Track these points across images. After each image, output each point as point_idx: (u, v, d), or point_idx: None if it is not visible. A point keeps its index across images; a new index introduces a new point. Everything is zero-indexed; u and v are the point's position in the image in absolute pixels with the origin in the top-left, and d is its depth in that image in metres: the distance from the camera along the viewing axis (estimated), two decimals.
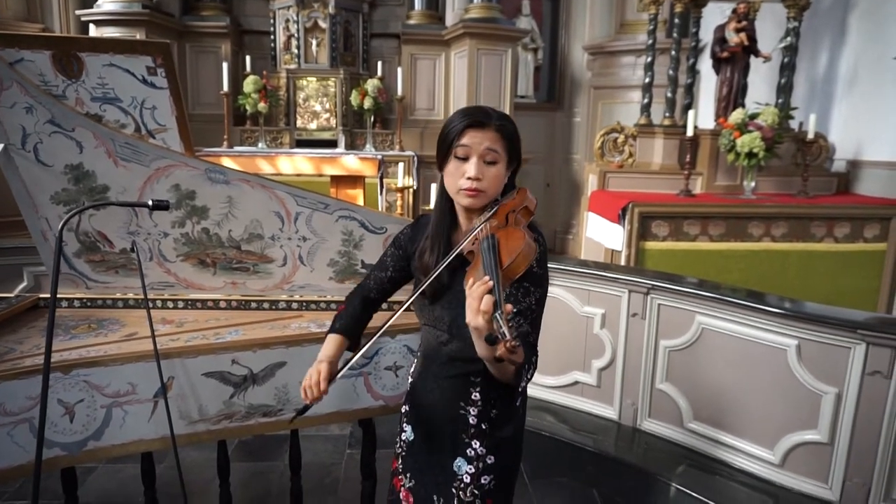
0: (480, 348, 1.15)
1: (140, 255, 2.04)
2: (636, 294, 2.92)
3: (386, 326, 1.45)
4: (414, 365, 1.64)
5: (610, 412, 3.11)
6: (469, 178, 1.34)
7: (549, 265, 1.46)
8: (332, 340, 1.58)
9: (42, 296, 2.18)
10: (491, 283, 1.09)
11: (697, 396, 2.81)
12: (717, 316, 2.68)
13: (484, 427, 1.43)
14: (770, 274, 4.21)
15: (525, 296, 1.32)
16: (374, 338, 1.48)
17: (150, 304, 2.08)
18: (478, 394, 1.43)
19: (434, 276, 1.37)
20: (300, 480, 2.20)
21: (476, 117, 1.35)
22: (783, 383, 2.51)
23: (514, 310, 1.05)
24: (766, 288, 3.34)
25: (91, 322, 2.03)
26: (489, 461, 1.44)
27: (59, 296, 2.12)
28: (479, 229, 1.30)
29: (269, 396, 1.83)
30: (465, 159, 1.36)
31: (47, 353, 1.27)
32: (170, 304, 2.18)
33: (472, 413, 1.44)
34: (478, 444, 1.44)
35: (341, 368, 1.50)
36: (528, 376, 1.29)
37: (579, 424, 3.09)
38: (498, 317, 1.04)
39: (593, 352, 3.11)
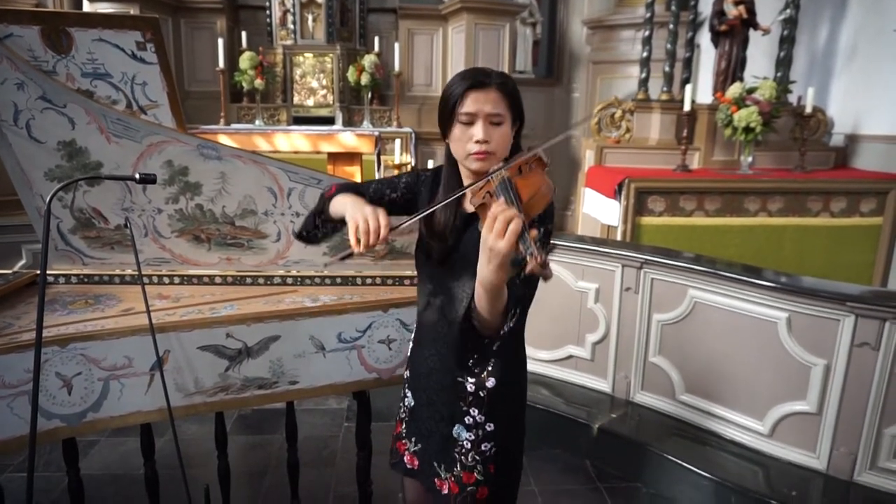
0: (493, 273, 1.10)
1: (135, 231, 2.06)
2: (629, 269, 2.94)
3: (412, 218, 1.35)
4: (414, 331, 1.64)
5: (603, 385, 3.15)
6: (477, 142, 1.33)
7: None
8: (354, 196, 1.47)
9: (39, 272, 2.20)
10: (515, 209, 1.08)
11: (689, 369, 2.85)
12: (710, 290, 2.71)
13: (482, 395, 1.44)
14: (766, 249, 4.22)
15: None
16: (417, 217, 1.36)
17: (146, 280, 2.10)
18: (475, 361, 1.44)
19: (431, 210, 1.34)
20: (297, 452, 2.25)
21: (476, 78, 1.33)
22: (773, 355, 2.54)
23: (525, 224, 1.05)
24: (762, 263, 3.36)
25: (88, 298, 2.05)
26: (489, 428, 1.45)
27: (55, 272, 2.15)
28: (492, 175, 1.25)
29: (263, 369, 1.86)
30: (470, 124, 1.34)
31: (39, 324, 1.29)
32: (165, 280, 2.21)
33: (470, 381, 1.45)
34: (476, 411, 1.45)
35: (402, 224, 1.35)
36: (511, 324, 1.26)
37: (573, 397, 3.13)
38: (525, 237, 1.03)
39: (587, 326, 3.14)
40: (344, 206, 1.43)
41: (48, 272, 2.09)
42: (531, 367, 3.27)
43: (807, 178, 4.39)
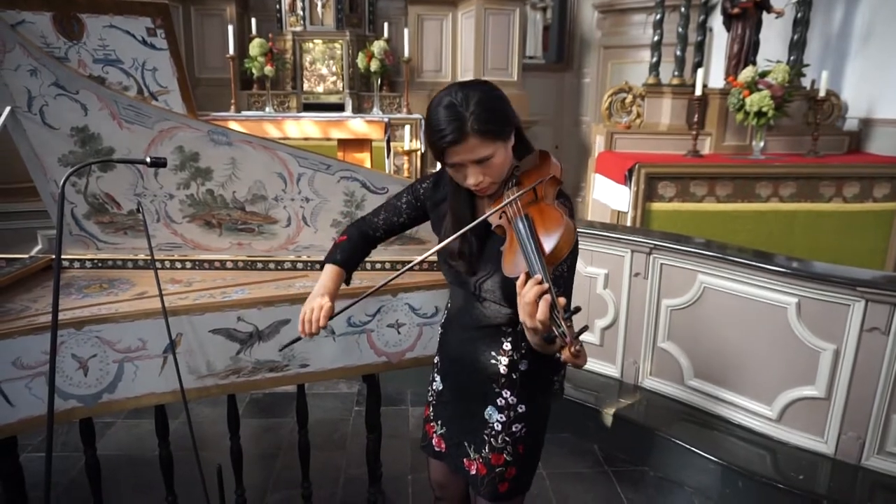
0: (536, 343, 1.11)
1: (147, 216, 2.09)
2: (639, 254, 2.94)
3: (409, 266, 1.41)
4: (444, 316, 1.66)
5: (612, 370, 3.16)
6: (474, 186, 1.32)
7: None
8: (332, 272, 1.58)
9: (55, 257, 2.24)
10: (545, 284, 1.04)
11: (698, 354, 2.85)
12: (719, 275, 2.70)
13: (514, 377, 1.46)
14: (777, 234, 4.19)
15: (560, 264, 1.27)
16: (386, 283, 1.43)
17: (159, 265, 2.13)
18: (509, 343, 1.45)
19: (450, 241, 1.34)
20: (307, 434, 2.28)
21: (451, 136, 1.24)
22: (782, 341, 2.54)
23: (566, 304, 1.03)
24: (773, 248, 3.34)
25: (102, 282, 2.09)
26: (520, 410, 1.47)
27: (70, 257, 2.18)
28: (506, 205, 1.25)
29: (274, 352, 1.89)
30: (462, 169, 1.32)
31: (55, 305, 1.32)
32: (178, 265, 2.24)
33: (504, 363, 1.46)
34: (508, 392, 1.46)
35: (340, 311, 1.50)
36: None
37: (582, 382, 3.15)
38: (556, 317, 1.00)
39: (596, 311, 3.15)
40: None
41: (63, 257, 2.13)
42: None
43: (819, 163, 4.35)
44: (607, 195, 4.66)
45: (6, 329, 1.63)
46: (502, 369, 1.46)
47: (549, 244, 1.14)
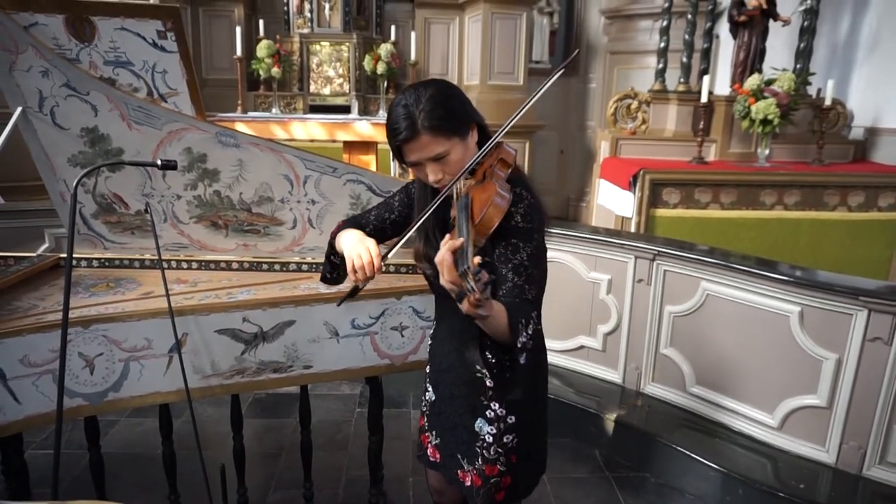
0: (462, 307, 1.12)
1: (154, 216, 2.10)
2: (642, 260, 2.95)
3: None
4: (433, 327, 1.67)
5: (614, 376, 3.17)
6: (433, 181, 1.35)
7: (558, 231, 1.45)
8: (353, 230, 1.54)
9: (62, 255, 2.26)
10: (460, 240, 1.08)
11: (700, 361, 2.86)
12: (722, 282, 2.71)
13: (501, 388, 1.45)
14: (781, 242, 4.19)
15: (515, 252, 1.30)
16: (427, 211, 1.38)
17: (165, 265, 2.15)
18: (493, 357, 1.44)
19: (407, 233, 1.38)
20: (310, 435, 2.30)
21: (403, 134, 1.29)
22: (785, 349, 2.54)
23: (481, 261, 1.05)
24: (777, 256, 3.34)
25: (109, 281, 2.11)
26: (510, 421, 1.46)
27: (78, 256, 2.20)
28: (451, 189, 1.30)
29: (278, 353, 1.91)
30: (420, 167, 1.35)
31: (65, 306, 1.34)
32: (184, 265, 2.25)
33: (489, 375, 1.45)
34: (497, 405, 1.46)
35: (390, 250, 1.42)
36: (528, 332, 1.23)
37: (584, 388, 3.15)
38: (465, 272, 1.03)
39: (599, 317, 3.16)
40: (343, 244, 1.49)
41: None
42: None
43: (824, 172, 4.35)
44: (611, 201, 4.67)
45: (15, 327, 1.65)
46: (489, 382, 1.46)
47: (479, 213, 1.19)
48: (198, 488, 1.94)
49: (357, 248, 1.42)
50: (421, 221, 1.37)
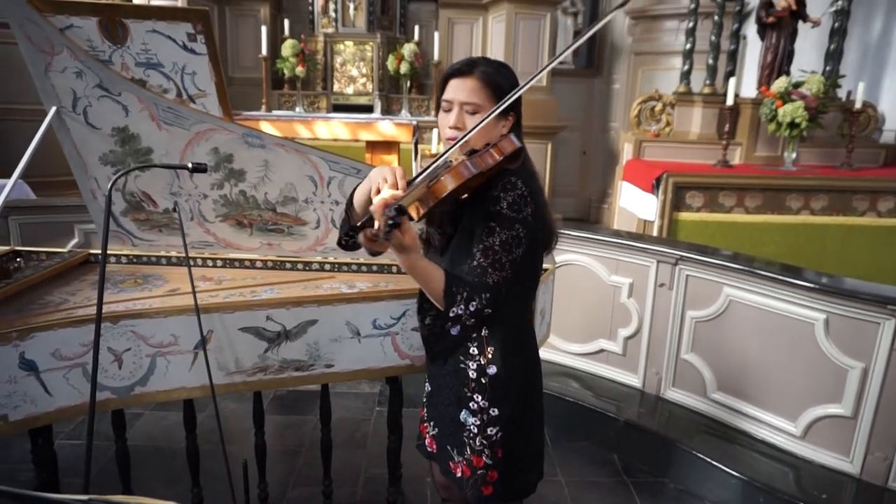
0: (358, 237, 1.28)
1: (182, 215, 2.15)
2: (664, 265, 2.93)
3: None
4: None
5: (634, 380, 3.15)
6: (450, 128, 1.39)
7: (579, 234, 1.47)
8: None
9: (92, 251, 2.32)
10: (400, 192, 1.21)
11: (722, 367, 2.83)
12: (745, 288, 2.68)
13: (484, 381, 1.48)
14: (807, 248, 4.12)
15: (489, 235, 1.35)
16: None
17: (191, 263, 2.19)
18: (475, 348, 1.48)
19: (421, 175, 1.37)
20: (330, 432, 2.32)
21: (458, 66, 1.40)
22: (809, 357, 2.50)
23: (398, 204, 1.17)
24: (802, 262, 3.28)
25: (137, 277, 2.15)
26: (493, 413, 1.48)
27: (107, 252, 2.25)
28: (446, 154, 1.34)
29: (301, 352, 1.93)
30: (449, 111, 1.41)
31: (99, 303, 1.37)
32: (209, 263, 2.29)
33: (472, 367, 1.49)
34: (479, 397, 1.49)
35: (418, 176, 1.32)
36: (464, 308, 1.33)
37: (603, 391, 3.14)
38: (385, 212, 1.14)
39: (620, 321, 3.14)
40: (360, 185, 1.46)
41: (98, 251, 2.20)
42: (562, 359, 3.33)
43: (853, 177, 4.27)
44: (634, 203, 4.64)
45: (47, 321, 1.69)
46: (471, 373, 1.49)
47: (441, 177, 1.27)
48: (220, 483, 1.97)
49: (379, 172, 1.31)
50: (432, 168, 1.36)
